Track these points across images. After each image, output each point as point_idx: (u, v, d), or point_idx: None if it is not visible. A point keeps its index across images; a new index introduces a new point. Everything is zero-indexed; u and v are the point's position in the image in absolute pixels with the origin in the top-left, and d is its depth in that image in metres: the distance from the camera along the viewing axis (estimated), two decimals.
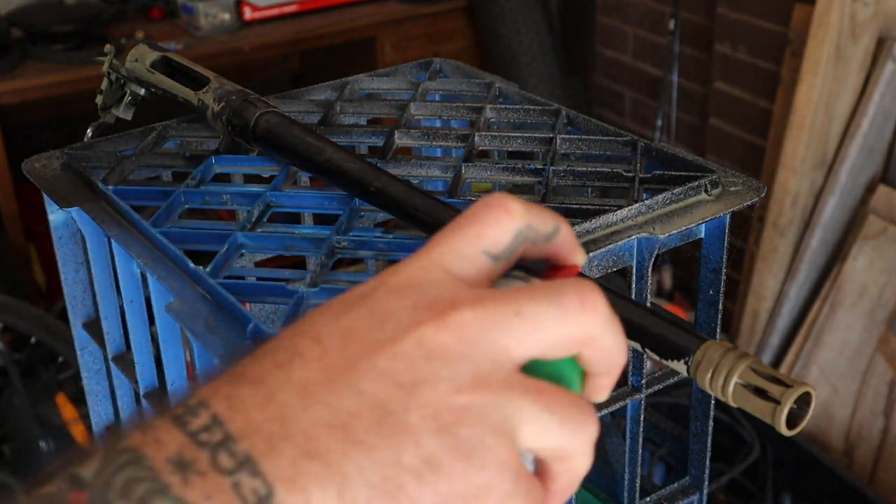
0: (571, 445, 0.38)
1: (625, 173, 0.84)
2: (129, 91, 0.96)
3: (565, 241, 0.43)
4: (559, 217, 0.43)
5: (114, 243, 0.80)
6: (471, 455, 0.35)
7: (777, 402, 0.47)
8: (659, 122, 2.72)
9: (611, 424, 0.99)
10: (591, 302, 0.39)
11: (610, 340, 0.40)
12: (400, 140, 0.93)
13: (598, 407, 0.82)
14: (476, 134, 0.91)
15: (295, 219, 0.92)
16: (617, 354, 0.40)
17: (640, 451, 0.85)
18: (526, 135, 0.92)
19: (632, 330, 0.55)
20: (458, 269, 0.39)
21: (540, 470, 0.39)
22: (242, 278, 0.86)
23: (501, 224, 0.40)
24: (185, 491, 0.33)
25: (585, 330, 0.39)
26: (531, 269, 0.44)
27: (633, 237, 0.75)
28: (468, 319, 0.37)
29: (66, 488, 0.33)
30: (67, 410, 2.27)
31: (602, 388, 0.42)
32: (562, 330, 0.38)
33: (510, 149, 0.93)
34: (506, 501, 0.36)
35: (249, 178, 0.94)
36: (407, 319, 0.37)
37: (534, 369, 0.39)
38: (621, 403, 0.82)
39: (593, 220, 0.74)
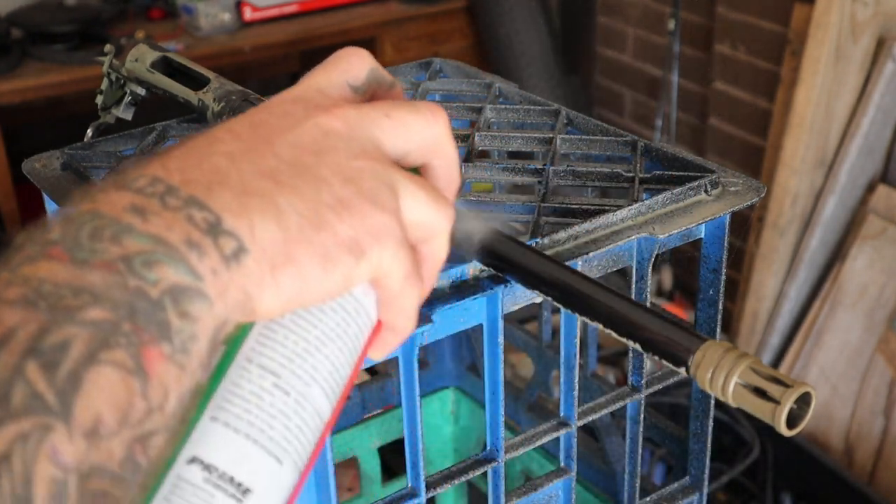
0: (438, 223, 0.46)
1: (625, 173, 0.84)
2: (129, 91, 0.96)
3: (399, 93, 0.52)
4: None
5: None
6: (374, 200, 0.43)
7: (777, 402, 0.47)
8: (659, 122, 2.72)
9: (611, 424, 0.99)
10: (441, 115, 0.48)
11: (453, 151, 0.49)
12: None
13: (599, 407, 0.82)
14: (476, 134, 0.91)
15: None
16: (456, 167, 0.49)
17: (640, 451, 0.85)
18: (526, 135, 0.92)
19: (631, 330, 0.55)
20: (330, 92, 0.48)
21: None
22: None
23: (360, 63, 0.50)
24: (148, 226, 0.37)
25: (437, 136, 0.47)
26: None
27: (633, 237, 0.75)
28: (350, 114, 0.45)
29: (40, 249, 0.36)
30: None
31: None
32: (421, 132, 0.47)
33: (510, 149, 0.93)
34: (399, 248, 0.43)
35: None
36: (303, 114, 0.45)
37: None
38: (621, 403, 0.82)
39: (593, 220, 0.74)
